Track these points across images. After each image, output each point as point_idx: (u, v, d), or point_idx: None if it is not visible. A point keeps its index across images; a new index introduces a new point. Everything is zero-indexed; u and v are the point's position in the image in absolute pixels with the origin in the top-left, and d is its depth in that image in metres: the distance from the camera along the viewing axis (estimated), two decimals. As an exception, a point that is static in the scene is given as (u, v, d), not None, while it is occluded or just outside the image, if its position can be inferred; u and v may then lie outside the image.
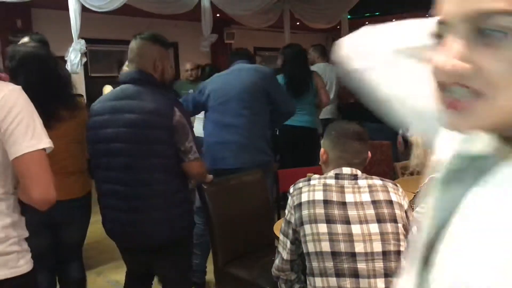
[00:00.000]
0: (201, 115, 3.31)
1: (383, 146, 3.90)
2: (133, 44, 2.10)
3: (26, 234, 1.38)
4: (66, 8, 4.69)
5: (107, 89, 3.63)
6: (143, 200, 2.01)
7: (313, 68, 4.48)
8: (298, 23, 7.45)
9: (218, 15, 6.01)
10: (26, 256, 1.36)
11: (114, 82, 2.78)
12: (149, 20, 7.61)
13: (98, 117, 2.06)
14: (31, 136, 1.28)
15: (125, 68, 2.74)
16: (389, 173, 3.68)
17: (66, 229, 2.27)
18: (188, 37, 7.49)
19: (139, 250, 2.18)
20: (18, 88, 1.32)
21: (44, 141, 1.31)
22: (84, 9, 4.69)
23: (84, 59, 4.79)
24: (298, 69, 4.02)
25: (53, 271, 2.33)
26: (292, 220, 1.57)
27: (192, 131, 2.05)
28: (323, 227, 1.48)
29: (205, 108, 2.98)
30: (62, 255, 2.34)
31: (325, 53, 5.28)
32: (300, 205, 1.54)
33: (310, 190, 1.55)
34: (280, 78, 3.81)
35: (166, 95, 2.06)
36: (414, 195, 1.87)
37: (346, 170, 1.59)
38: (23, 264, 1.34)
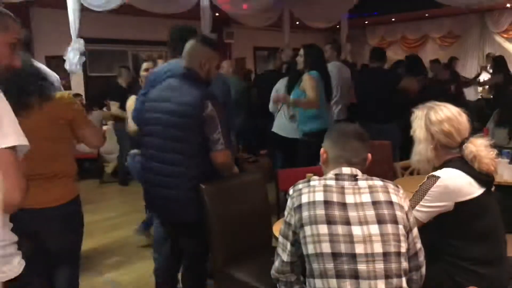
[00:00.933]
0: None
1: (383, 146, 3.89)
2: (187, 44, 2.40)
3: (11, 239, 1.30)
4: (65, 7, 4.68)
5: (132, 99, 3.80)
6: (170, 178, 2.31)
7: (329, 66, 4.46)
8: (297, 23, 7.45)
9: (217, 14, 6.00)
10: (11, 261, 1.28)
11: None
12: (148, 19, 7.62)
13: (151, 103, 2.43)
14: None
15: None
16: (389, 173, 3.67)
17: (48, 237, 2.06)
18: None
19: (169, 224, 2.57)
20: None
21: (10, 139, 1.18)
22: (83, 8, 4.68)
23: (83, 59, 4.78)
24: (326, 68, 4.07)
25: (43, 276, 2.16)
26: (292, 222, 1.55)
27: (224, 124, 2.29)
28: (323, 228, 1.47)
29: None
30: (53, 261, 2.18)
31: (340, 52, 5.32)
32: (300, 206, 1.53)
33: (310, 192, 1.54)
34: (315, 74, 3.80)
35: (204, 90, 2.32)
36: (413, 194, 1.87)
37: (346, 170, 1.58)
38: (6, 271, 1.27)
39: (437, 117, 1.89)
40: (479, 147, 1.82)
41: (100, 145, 2.37)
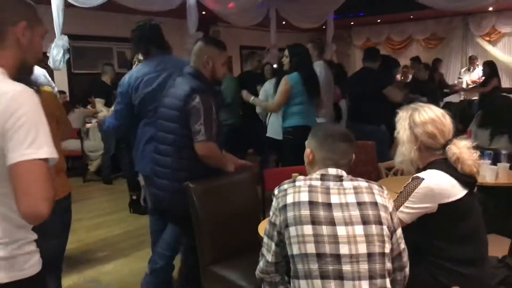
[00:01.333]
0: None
1: (368, 147, 3.92)
2: (195, 45, 2.59)
3: (33, 236, 1.32)
4: (48, 2, 4.60)
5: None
6: (163, 168, 2.48)
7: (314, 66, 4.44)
8: (284, 22, 7.45)
9: (203, 13, 5.97)
10: (32, 259, 1.30)
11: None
12: (134, 17, 7.53)
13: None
14: (29, 144, 1.16)
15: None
16: (373, 173, 3.70)
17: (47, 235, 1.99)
18: (174, 35, 7.40)
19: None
20: (28, 91, 1.20)
21: (43, 151, 1.17)
22: (67, 5, 4.61)
23: (67, 56, 4.70)
24: (311, 68, 4.08)
25: None
26: (277, 222, 1.55)
27: (210, 117, 2.36)
28: (308, 229, 1.47)
29: None
30: None
31: (323, 51, 5.30)
32: (285, 207, 1.53)
33: (295, 192, 1.54)
34: (294, 77, 3.83)
35: (195, 84, 2.42)
36: (398, 195, 1.88)
37: (332, 171, 1.59)
38: (28, 268, 1.28)
39: (421, 118, 1.90)
40: (462, 149, 1.83)
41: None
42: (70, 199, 2.24)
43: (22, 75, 1.34)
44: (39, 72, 2.48)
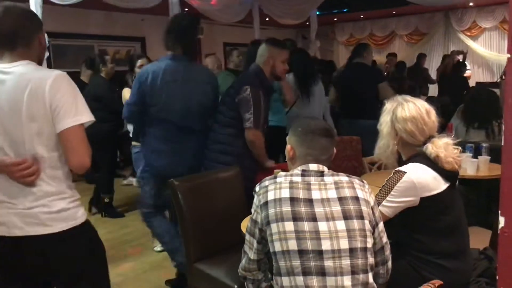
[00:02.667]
0: None
1: (353, 141, 3.93)
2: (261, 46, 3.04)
3: (78, 195, 1.69)
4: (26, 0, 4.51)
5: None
6: (219, 154, 2.92)
7: None
8: (267, 19, 7.43)
9: (186, 9, 5.92)
10: (80, 210, 1.67)
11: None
12: (115, 14, 7.45)
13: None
14: (74, 113, 1.55)
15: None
16: (358, 168, 3.72)
17: None
18: (156, 32, 7.31)
19: None
20: (63, 73, 1.59)
21: (84, 117, 1.57)
22: (46, 1, 4.52)
23: (47, 54, 4.62)
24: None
25: None
26: (259, 220, 1.54)
27: (259, 108, 2.76)
28: (289, 225, 1.46)
29: None
30: None
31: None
32: (266, 203, 1.52)
33: (276, 188, 1.53)
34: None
35: (249, 78, 2.90)
36: (380, 189, 1.88)
37: (313, 166, 1.58)
38: (79, 216, 1.65)
39: (402, 114, 1.88)
40: (439, 149, 1.82)
41: None
42: None
43: None
44: None
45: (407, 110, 1.88)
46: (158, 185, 2.97)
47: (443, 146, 1.83)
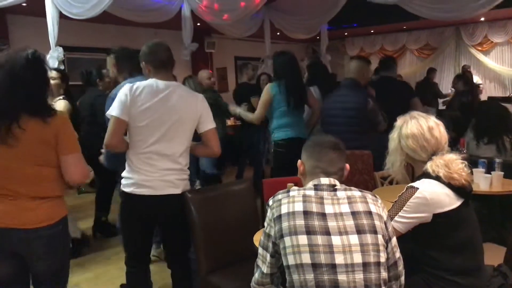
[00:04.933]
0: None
1: (364, 156, 3.92)
2: (354, 63, 3.87)
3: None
4: (43, 15, 4.62)
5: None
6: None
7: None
8: (278, 33, 7.51)
9: (198, 24, 6.01)
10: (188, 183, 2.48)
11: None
12: (129, 28, 7.57)
13: (330, 104, 3.79)
14: (211, 120, 2.46)
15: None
16: (370, 182, 3.70)
17: (32, 259, 1.98)
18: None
19: None
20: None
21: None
22: (62, 16, 4.63)
23: (62, 67, 4.71)
24: (297, 76, 3.88)
25: None
26: (272, 233, 1.54)
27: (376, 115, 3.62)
28: (303, 239, 1.46)
29: None
30: (37, 282, 2.09)
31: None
32: (280, 217, 1.52)
33: (289, 202, 1.54)
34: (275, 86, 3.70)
35: (364, 92, 3.75)
36: (392, 205, 1.88)
37: (324, 180, 1.59)
38: (187, 186, 2.46)
39: (405, 131, 1.91)
40: (439, 168, 1.81)
41: (82, 181, 2.07)
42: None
43: None
44: None
45: (411, 127, 1.91)
46: None
47: (444, 164, 1.82)
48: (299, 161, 1.69)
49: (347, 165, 1.66)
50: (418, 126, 1.89)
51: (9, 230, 1.89)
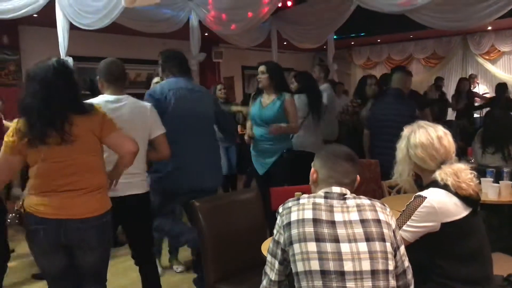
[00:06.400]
0: None
1: (372, 165, 3.93)
2: (397, 75, 4.37)
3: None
4: (53, 25, 4.69)
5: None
6: None
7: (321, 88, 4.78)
8: (285, 43, 7.55)
9: (206, 34, 6.06)
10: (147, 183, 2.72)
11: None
12: (138, 38, 7.65)
13: (380, 111, 4.27)
14: (160, 125, 2.78)
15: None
16: (377, 191, 3.70)
17: (83, 250, 2.18)
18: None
19: None
20: None
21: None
22: (72, 27, 4.69)
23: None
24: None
25: None
26: (281, 240, 1.55)
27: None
28: (312, 246, 1.47)
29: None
30: (80, 279, 2.26)
31: (329, 72, 5.38)
32: (289, 224, 1.54)
33: (299, 209, 1.55)
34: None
35: (411, 101, 4.27)
36: (400, 214, 1.88)
37: (336, 189, 1.60)
38: (147, 187, 2.71)
39: (414, 141, 1.91)
40: (448, 176, 1.82)
41: (134, 150, 2.28)
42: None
43: None
44: None
45: (419, 136, 1.91)
46: None
47: (453, 173, 1.83)
48: (312, 169, 1.70)
49: (358, 176, 1.68)
50: (427, 135, 1.89)
51: (66, 221, 2.10)
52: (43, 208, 2.09)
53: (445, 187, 1.82)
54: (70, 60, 4.66)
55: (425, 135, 1.90)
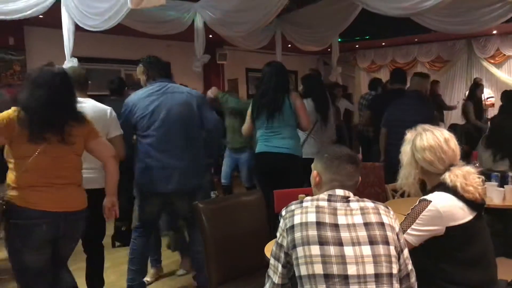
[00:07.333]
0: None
1: (375, 168, 3.92)
2: (415, 78, 4.64)
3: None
4: (59, 26, 4.71)
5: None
6: None
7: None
8: (289, 45, 7.55)
9: (210, 36, 6.07)
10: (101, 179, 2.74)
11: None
12: (143, 39, 7.67)
13: (395, 112, 4.38)
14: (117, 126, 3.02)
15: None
16: (381, 194, 3.69)
17: (66, 240, 2.39)
18: (181, 57, 7.54)
19: None
20: None
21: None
22: (77, 28, 4.71)
23: (76, 77, 4.76)
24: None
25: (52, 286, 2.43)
26: (284, 243, 1.55)
27: None
28: (315, 249, 1.47)
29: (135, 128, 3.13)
30: (55, 268, 2.42)
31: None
32: (292, 227, 1.53)
33: (302, 212, 1.54)
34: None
35: (430, 103, 4.47)
36: (405, 217, 1.87)
37: (339, 192, 1.60)
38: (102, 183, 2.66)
39: (421, 144, 1.89)
40: (457, 178, 1.81)
41: (112, 154, 2.60)
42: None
43: None
44: None
45: (425, 139, 1.89)
46: None
47: (462, 175, 1.82)
48: (314, 172, 1.69)
49: (359, 177, 1.67)
50: (435, 137, 1.88)
51: (64, 214, 2.29)
52: (43, 202, 2.22)
53: (453, 189, 1.81)
54: (75, 61, 4.68)
55: (433, 138, 1.88)
